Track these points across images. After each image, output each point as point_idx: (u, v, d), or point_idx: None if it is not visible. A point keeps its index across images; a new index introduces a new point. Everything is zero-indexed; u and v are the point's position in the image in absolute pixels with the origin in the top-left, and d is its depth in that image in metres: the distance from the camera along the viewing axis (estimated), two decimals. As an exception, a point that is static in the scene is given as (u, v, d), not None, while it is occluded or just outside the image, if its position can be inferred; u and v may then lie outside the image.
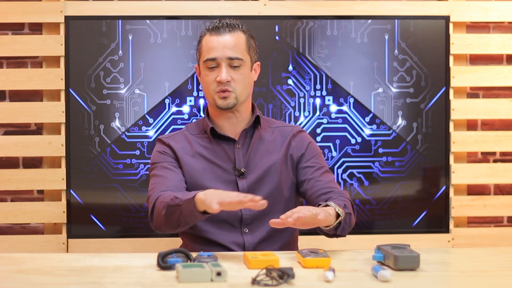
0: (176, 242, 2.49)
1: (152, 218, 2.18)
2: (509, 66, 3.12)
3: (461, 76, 3.08)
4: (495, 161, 3.15)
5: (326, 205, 2.06)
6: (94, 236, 3.00)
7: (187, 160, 2.30)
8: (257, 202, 1.92)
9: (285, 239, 2.30)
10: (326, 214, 1.97)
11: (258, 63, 2.37)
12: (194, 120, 2.55)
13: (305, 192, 2.30)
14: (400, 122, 3.07)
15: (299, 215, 1.90)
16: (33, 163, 3.04)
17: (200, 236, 2.26)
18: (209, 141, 2.32)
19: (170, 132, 2.89)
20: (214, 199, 1.93)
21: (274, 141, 2.34)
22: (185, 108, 3.01)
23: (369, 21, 3.05)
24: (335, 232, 2.09)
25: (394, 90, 3.07)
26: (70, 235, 3.00)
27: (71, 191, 2.99)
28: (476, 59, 3.14)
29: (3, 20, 2.98)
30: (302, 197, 2.37)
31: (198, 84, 3.01)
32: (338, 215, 2.05)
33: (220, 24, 2.28)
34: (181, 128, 2.45)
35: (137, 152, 3.00)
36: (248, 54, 2.29)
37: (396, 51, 3.06)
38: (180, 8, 3.02)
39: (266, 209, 2.26)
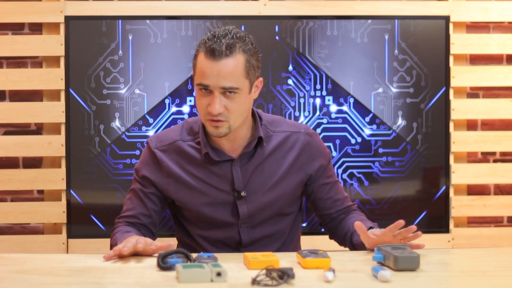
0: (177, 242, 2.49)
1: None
2: (509, 66, 3.12)
3: (461, 76, 3.08)
4: (495, 161, 3.15)
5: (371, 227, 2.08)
6: (94, 236, 3.00)
7: (180, 183, 2.15)
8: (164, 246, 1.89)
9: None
10: None
11: (261, 79, 2.13)
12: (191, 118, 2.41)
13: (320, 210, 2.25)
14: (400, 122, 3.07)
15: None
16: (33, 163, 3.04)
17: (197, 250, 2.21)
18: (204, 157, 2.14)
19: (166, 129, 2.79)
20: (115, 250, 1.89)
21: (278, 154, 2.17)
22: (185, 108, 3.02)
23: (369, 21, 3.05)
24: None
25: (394, 90, 3.07)
26: (70, 235, 3.00)
27: (71, 191, 2.99)
28: (476, 59, 3.14)
29: (3, 20, 2.98)
30: (312, 209, 2.31)
31: (198, 84, 3.00)
32: None
33: (217, 45, 2.01)
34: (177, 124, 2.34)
35: (137, 152, 3.00)
36: (246, 79, 2.05)
37: (396, 51, 3.06)
38: (180, 8, 3.02)
39: (268, 231, 2.21)
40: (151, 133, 3.00)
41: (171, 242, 1.89)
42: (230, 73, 2.02)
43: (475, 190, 3.14)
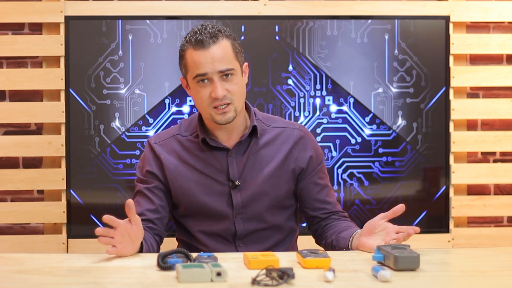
0: (176, 243, 2.49)
1: None
2: (509, 66, 3.12)
3: (461, 76, 3.08)
4: (495, 161, 3.15)
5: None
6: (94, 236, 2.97)
7: (177, 173, 2.19)
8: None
9: (283, 250, 2.26)
10: None
11: (246, 64, 2.20)
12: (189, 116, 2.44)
13: (308, 211, 2.26)
14: (400, 122, 3.07)
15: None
16: (33, 163, 3.04)
17: (196, 247, 2.24)
18: (201, 148, 2.19)
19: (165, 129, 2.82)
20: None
21: (272, 146, 2.22)
22: (185, 108, 3.02)
23: (369, 21, 3.05)
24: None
25: (394, 90, 3.07)
26: (70, 235, 3.00)
27: (71, 191, 2.99)
28: (476, 59, 3.14)
29: (3, 20, 2.98)
30: (301, 210, 2.32)
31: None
32: None
33: (203, 36, 2.09)
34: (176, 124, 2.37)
35: (137, 152, 3.00)
36: (237, 61, 2.13)
37: (396, 51, 3.06)
38: (180, 8, 3.02)
39: (264, 222, 2.23)
40: (151, 133, 3.00)
41: (129, 199, 1.94)
42: (222, 56, 2.10)
43: (475, 190, 3.14)
